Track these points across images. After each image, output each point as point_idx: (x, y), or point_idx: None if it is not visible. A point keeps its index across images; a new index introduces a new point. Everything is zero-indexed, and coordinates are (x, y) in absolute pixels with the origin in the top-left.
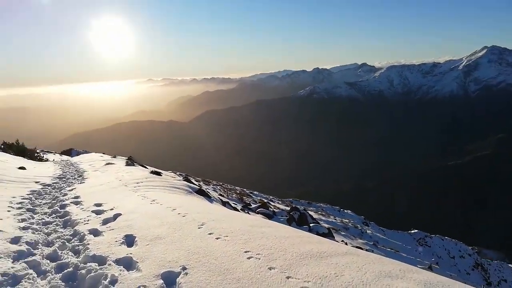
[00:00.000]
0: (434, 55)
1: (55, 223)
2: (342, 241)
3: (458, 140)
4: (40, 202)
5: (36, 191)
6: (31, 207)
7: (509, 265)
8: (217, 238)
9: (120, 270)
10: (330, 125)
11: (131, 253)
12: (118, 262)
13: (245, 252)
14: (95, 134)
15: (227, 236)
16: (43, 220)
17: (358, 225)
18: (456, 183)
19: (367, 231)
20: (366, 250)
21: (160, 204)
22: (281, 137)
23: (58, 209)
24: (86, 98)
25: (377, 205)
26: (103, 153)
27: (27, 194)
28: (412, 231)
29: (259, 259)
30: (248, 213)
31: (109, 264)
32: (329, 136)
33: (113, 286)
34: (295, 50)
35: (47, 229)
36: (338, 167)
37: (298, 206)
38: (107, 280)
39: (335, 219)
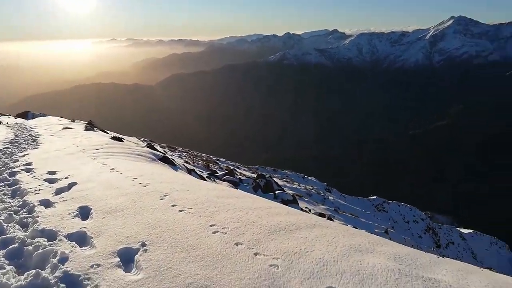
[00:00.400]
0: (404, 24)
1: (2, 192)
2: (306, 207)
3: (421, 110)
4: None
5: None
6: None
7: (457, 228)
8: (180, 211)
9: (72, 246)
10: (299, 91)
11: (85, 227)
12: (70, 237)
13: (211, 226)
14: (53, 96)
15: (191, 208)
16: None
17: (321, 192)
18: (417, 152)
19: (329, 198)
20: (328, 216)
21: (120, 173)
22: (249, 103)
23: (7, 177)
24: (39, 57)
25: (340, 172)
26: (61, 117)
27: None
28: (371, 197)
29: (226, 233)
30: (214, 181)
31: (60, 240)
32: (298, 103)
33: (63, 264)
34: (266, 14)
35: None
36: (305, 134)
37: (264, 173)
38: (56, 258)
39: (299, 186)
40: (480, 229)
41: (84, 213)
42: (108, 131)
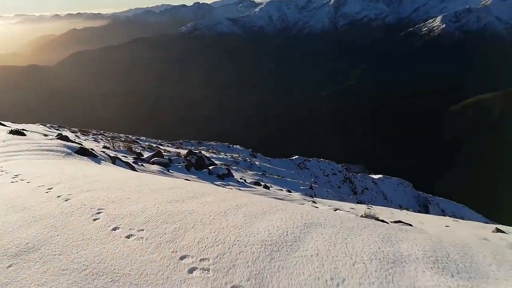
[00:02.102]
0: None
1: None
2: (242, 178)
3: (330, 73)
4: None
5: None
6: None
7: (369, 175)
8: (128, 237)
9: None
10: (214, 63)
11: None
12: None
13: (181, 259)
14: None
15: (142, 231)
16: None
17: (247, 158)
18: (328, 112)
19: (256, 163)
20: (256, 180)
21: (27, 182)
22: (161, 78)
23: None
24: None
25: (263, 138)
26: None
27: None
28: (294, 157)
29: (208, 270)
30: (143, 165)
31: None
32: (213, 75)
33: None
34: None
35: None
36: (224, 105)
37: (189, 147)
38: None
39: (226, 155)
40: (388, 174)
41: None
42: (4, 123)
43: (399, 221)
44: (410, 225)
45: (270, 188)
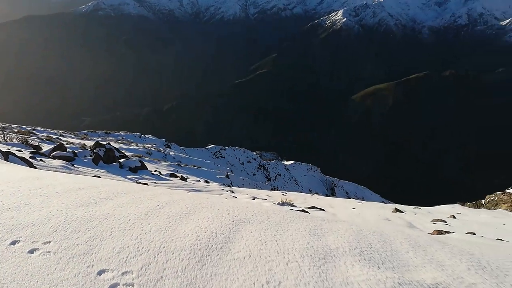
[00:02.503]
0: None
1: None
2: (156, 170)
3: (243, 60)
4: None
5: None
6: None
7: (281, 162)
8: (31, 252)
9: None
10: (119, 47)
11: None
12: None
13: (99, 274)
14: None
15: (48, 243)
16: None
17: (161, 148)
18: (244, 99)
19: (170, 153)
20: (171, 172)
21: None
22: (58, 61)
23: None
24: None
25: (177, 127)
26: None
27: None
28: (209, 146)
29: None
30: (42, 160)
31: None
32: (119, 59)
33: None
34: None
35: None
36: (132, 91)
37: (96, 138)
38: None
39: (137, 146)
40: (299, 159)
41: None
42: None
43: (313, 207)
44: (323, 209)
45: (187, 180)
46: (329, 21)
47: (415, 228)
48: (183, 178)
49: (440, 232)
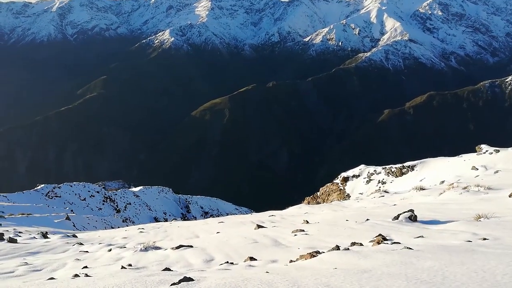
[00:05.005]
0: None
1: None
2: None
3: (67, 85)
4: None
5: None
6: None
7: (129, 189)
8: None
9: None
10: None
11: None
12: None
13: None
14: None
15: None
16: None
17: None
18: (72, 128)
19: None
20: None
21: None
22: None
23: None
24: None
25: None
26: None
27: None
28: (39, 187)
29: None
30: None
31: None
32: None
33: None
34: None
35: None
36: None
37: None
38: None
39: None
40: (148, 183)
41: None
42: None
43: (181, 246)
44: (191, 246)
45: (19, 237)
46: (157, 41)
47: (281, 246)
48: (11, 240)
49: (312, 255)
